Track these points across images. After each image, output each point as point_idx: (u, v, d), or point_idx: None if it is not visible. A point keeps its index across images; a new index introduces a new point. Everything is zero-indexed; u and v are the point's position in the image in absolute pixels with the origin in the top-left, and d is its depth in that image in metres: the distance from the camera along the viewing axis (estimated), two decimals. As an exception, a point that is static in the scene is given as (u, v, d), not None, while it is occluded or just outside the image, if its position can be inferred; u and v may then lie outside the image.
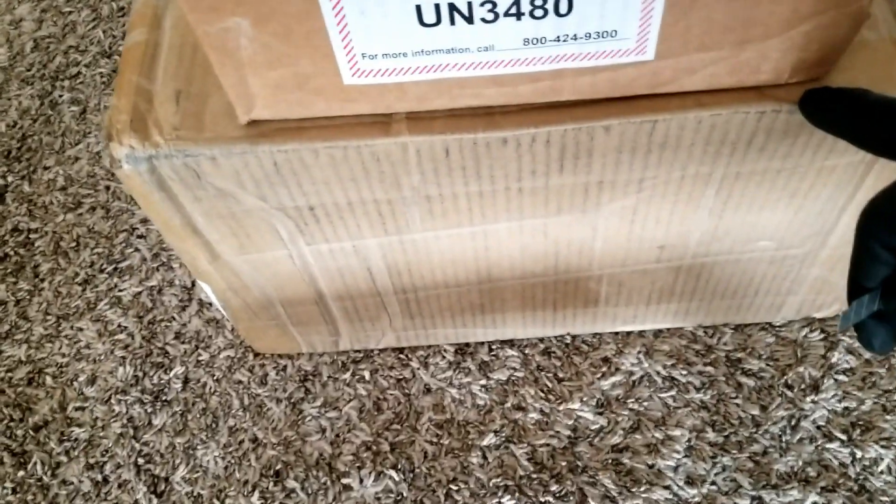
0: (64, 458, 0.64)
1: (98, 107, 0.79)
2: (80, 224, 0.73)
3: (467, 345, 0.65)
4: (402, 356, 0.65)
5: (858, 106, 0.37)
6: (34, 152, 0.77)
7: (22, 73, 0.82)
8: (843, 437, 0.60)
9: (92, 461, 0.63)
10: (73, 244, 0.72)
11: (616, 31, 0.38)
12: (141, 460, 0.63)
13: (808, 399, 0.61)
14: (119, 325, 0.68)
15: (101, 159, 0.75)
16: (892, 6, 0.44)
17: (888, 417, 0.60)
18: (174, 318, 0.68)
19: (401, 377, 0.64)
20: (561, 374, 0.64)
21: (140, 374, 0.66)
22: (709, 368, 0.63)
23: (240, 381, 0.65)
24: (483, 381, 0.64)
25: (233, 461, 0.62)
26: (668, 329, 0.65)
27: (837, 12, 0.38)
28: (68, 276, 0.71)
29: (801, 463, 0.59)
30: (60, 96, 0.79)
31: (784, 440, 0.60)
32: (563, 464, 0.60)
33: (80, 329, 0.68)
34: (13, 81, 0.81)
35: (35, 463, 0.63)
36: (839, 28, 0.39)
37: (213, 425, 0.63)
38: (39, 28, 0.84)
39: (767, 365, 0.63)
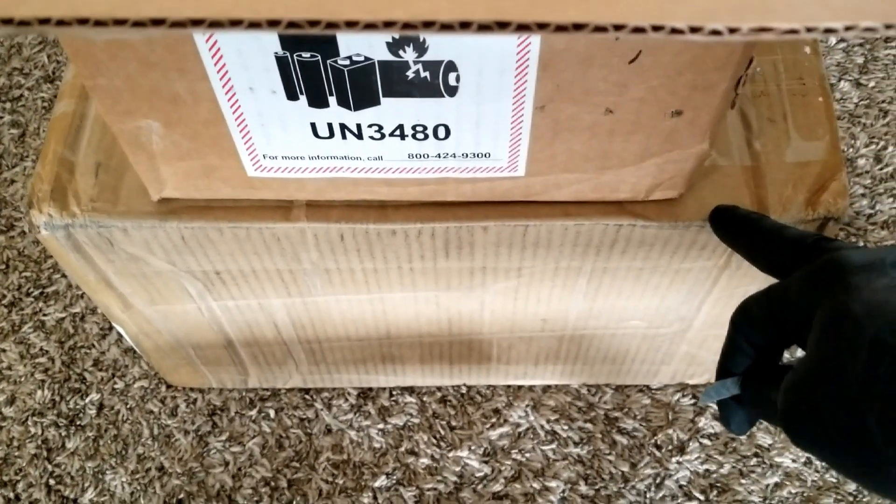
0: (-22, 474, 0.67)
1: (38, 131, 0.82)
2: (11, 247, 0.76)
3: (370, 389, 0.70)
4: (307, 396, 0.69)
5: (754, 230, 0.42)
6: (-29, 170, 0.80)
7: (-35, 88, 0.85)
8: (701, 497, 0.66)
9: (5, 479, 0.67)
10: (3, 266, 0.75)
11: (490, 154, 0.43)
12: (52, 481, 0.66)
13: (674, 460, 0.67)
14: (41, 349, 0.72)
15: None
16: (746, 134, 0.50)
17: (743, 481, 0.66)
18: (94, 346, 0.71)
19: (304, 417, 0.69)
20: (454, 423, 0.69)
21: (57, 397, 0.70)
22: (588, 425, 0.68)
23: (151, 412, 0.69)
24: (381, 425, 0.68)
25: (139, 487, 0.66)
26: (556, 385, 0.70)
27: (683, 151, 0.44)
28: (-5, 297, 0.74)
29: (660, 519, 0.65)
30: (1, 118, 0.82)
31: (648, 496, 0.66)
32: (447, 508, 0.65)
33: (3, 350, 0.72)
34: (-45, 96, 0.84)
35: (-51, 478, 0.67)
36: (686, 162, 0.45)
37: (123, 452, 0.67)
38: (-15, 46, 0.86)
39: (641, 425, 0.68)
